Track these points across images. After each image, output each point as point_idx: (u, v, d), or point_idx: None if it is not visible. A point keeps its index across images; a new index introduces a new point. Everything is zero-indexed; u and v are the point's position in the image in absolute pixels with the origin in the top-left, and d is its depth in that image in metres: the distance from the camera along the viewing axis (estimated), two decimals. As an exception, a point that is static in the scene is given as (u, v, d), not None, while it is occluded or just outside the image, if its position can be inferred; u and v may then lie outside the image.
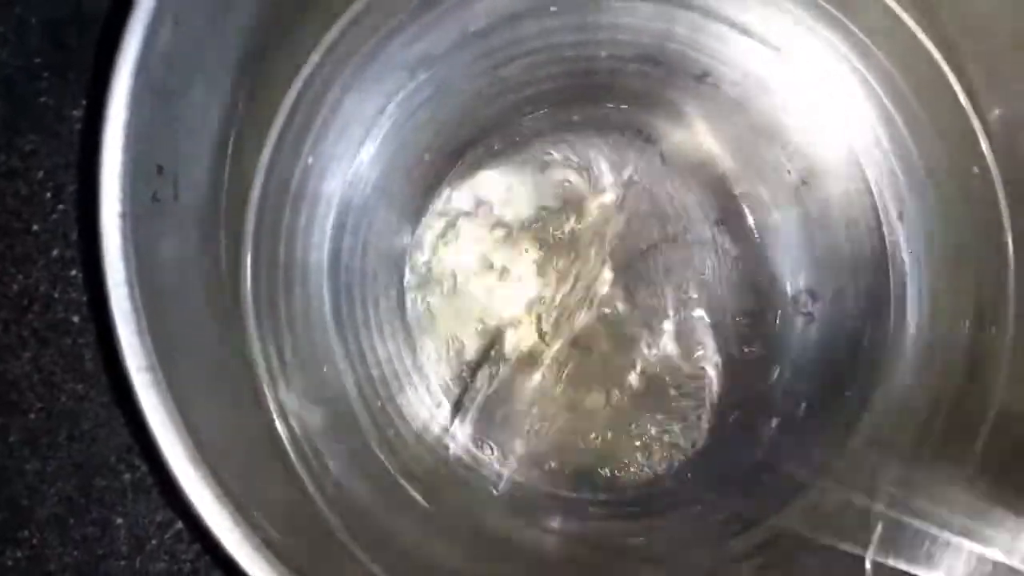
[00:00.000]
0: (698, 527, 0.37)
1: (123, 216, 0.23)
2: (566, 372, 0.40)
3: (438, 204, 0.40)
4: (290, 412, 0.31)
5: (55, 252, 0.36)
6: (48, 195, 0.37)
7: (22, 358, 0.36)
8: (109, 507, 0.35)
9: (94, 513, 0.35)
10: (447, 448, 0.39)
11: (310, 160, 0.34)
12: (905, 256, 0.37)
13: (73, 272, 0.36)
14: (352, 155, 0.37)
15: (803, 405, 0.39)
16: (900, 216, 0.38)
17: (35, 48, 0.37)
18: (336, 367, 0.36)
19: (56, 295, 0.36)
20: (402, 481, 0.35)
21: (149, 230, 0.24)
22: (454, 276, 0.40)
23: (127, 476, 0.35)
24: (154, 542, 0.35)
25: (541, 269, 0.40)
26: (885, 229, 0.38)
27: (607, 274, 0.41)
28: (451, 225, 0.40)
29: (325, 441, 0.32)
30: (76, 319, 0.36)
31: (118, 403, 0.35)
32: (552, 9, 0.37)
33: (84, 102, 0.37)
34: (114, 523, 0.35)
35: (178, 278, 0.26)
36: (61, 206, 0.37)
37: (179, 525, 0.35)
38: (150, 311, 0.24)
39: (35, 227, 0.36)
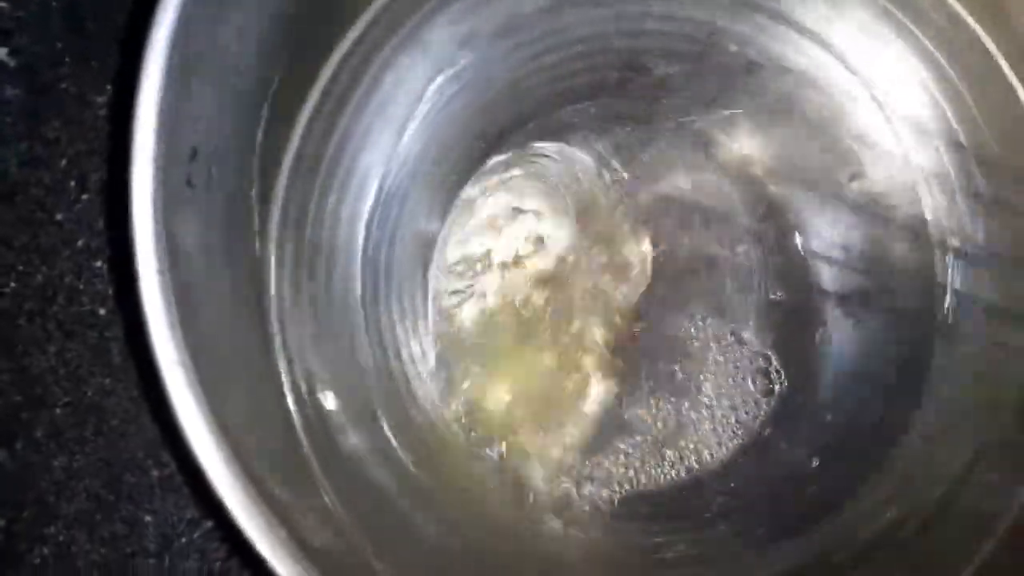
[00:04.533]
0: (737, 541, 0.37)
1: (156, 203, 0.22)
2: (600, 370, 0.39)
3: (471, 192, 0.39)
4: (307, 396, 0.31)
5: (80, 242, 0.36)
6: (72, 183, 0.36)
7: (47, 352, 0.35)
8: (137, 504, 0.35)
9: (122, 510, 0.35)
10: (469, 442, 0.38)
11: (345, 134, 0.34)
12: (958, 269, 0.36)
13: (98, 263, 0.35)
14: (389, 133, 0.36)
15: (846, 414, 0.38)
16: (954, 225, 0.37)
17: (56, 33, 0.36)
18: (357, 349, 0.35)
19: (81, 287, 0.36)
20: (418, 474, 0.34)
21: (182, 217, 0.24)
22: (482, 267, 0.39)
23: (155, 473, 0.35)
24: (183, 540, 0.35)
25: (576, 263, 0.39)
26: (936, 237, 0.37)
27: (647, 270, 0.40)
28: (482, 216, 0.39)
29: (341, 428, 0.32)
30: (102, 311, 0.35)
31: (146, 397, 0.34)
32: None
33: (108, 87, 0.36)
34: (143, 520, 0.35)
35: (209, 266, 0.26)
36: (85, 195, 0.36)
37: (209, 523, 0.35)
38: (182, 303, 0.23)
39: (59, 217, 0.36)
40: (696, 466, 0.38)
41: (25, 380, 0.35)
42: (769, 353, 0.39)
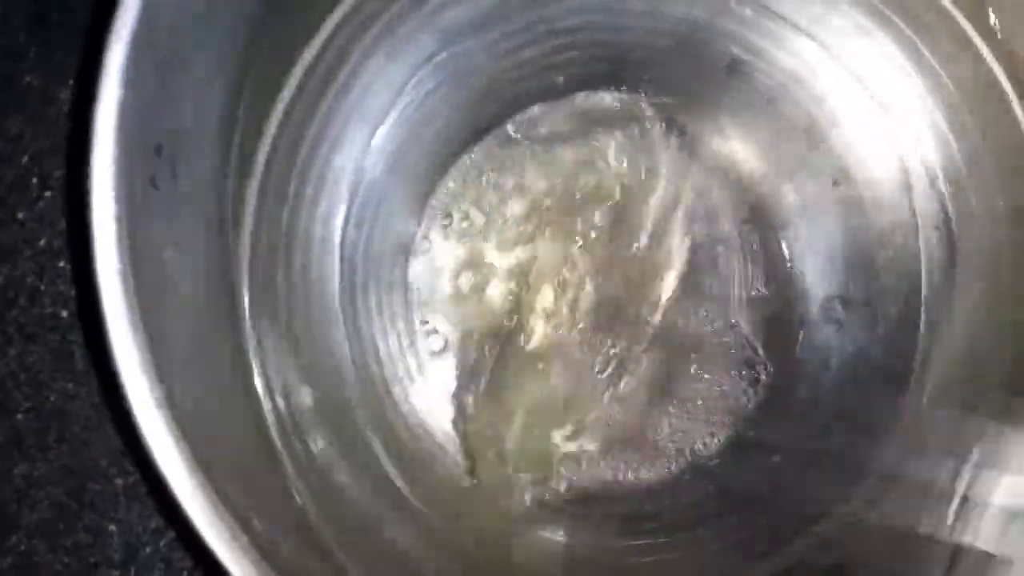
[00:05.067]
0: (717, 547, 0.36)
1: (118, 202, 0.21)
2: (576, 367, 0.38)
3: (450, 190, 0.39)
4: (280, 395, 0.30)
5: (42, 242, 0.35)
6: (34, 181, 0.35)
7: (7, 355, 0.34)
8: (101, 513, 0.34)
9: (86, 519, 0.34)
10: (444, 444, 0.37)
11: (321, 128, 0.33)
12: (942, 276, 0.36)
13: (61, 263, 0.35)
14: (368, 127, 0.35)
15: (830, 417, 0.38)
16: (941, 230, 0.36)
17: (19, 24, 0.35)
18: (334, 345, 0.34)
19: (43, 288, 0.35)
20: (394, 477, 0.34)
21: (145, 218, 0.23)
22: (460, 267, 0.39)
23: (120, 481, 0.34)
24: (148, 550, 0.34)
25: (555, 262, 0.39)
26: (922, 243, 0.36)
27: (625, 268, 0.39)
28: (462, 212, 0.39)
29: (314, 427, 0.31)
30: (64, 314, 0.34)
31: (108, 405, 0.33)
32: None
33: (72, 82, 0.35)
34: (106, 530, 0.34)
35: (175, 265, 0.25)
36: (48, 193, 0.35)
37: (174, 532, 0.34)
38: (144, 304, 0.22)
39: (20, 215, 0.35)
40: (678, 466, 0.38)
41: (-16, 385, 0.34)
42: (756, 346, 0.39)
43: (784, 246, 0.39)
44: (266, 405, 0.29)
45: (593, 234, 0.39)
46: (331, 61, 0.32)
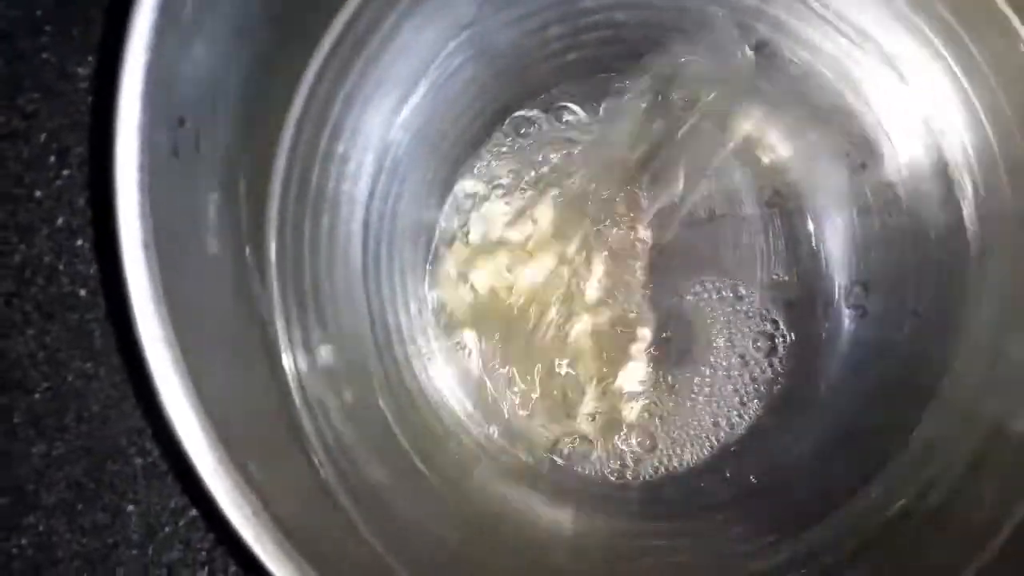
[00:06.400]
0: (730, 534, 0.36)
1: (141, 171, 0.21)
2: (598, 347, 0.38)
3: (473, 166, 0.39)
4: (302, 359, 0.30)
5: (60, 220, 0.34)
6: (52, 159, 0.35)
7: (25, 334, 0.34)
8: (120, 493, 0.34)
9: (104, 499, 0.34)
10: (460, 421, 0.37)
11: (348, 101, 0.32)
12: (973, 263, 0.35)
13: (79, 242, 0.34)
14: (398, 95, 0.35)
15: (850, 408, 0.37)
16: (972, 216, 0.35)
17: (36, 1, 0.35)
18: (356, 314, 0.34)
19: (61, 267, 0.34)
20: (407, 447, 0.34)
21: (167, 187, 0.22)
22: (483, 241, 0.38)
23: (139, 460, 0.34)
24: (167, 529, 0.33)
25: (578, 237, 0.38)
26: (953, 229, 0.35)
27: (648, 248, 0.39)
28: (483, 189, 0.39)
29: (333, 394, 0.31)
30: (83, 292, 0.34)
31: (130, 379, 0.33)
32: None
33: (90, 59, 0.35)
34: (125, 510, 0.34)
35: (195, 239, 0.24)
36: (66, 171, 0.34)
37: (194, 512, 0.34)
38: (167, 277, 0.22)
39: (38, 193, 0.34)
40: (695, 455, 0.37)
41: (2, 364, 0.34)
42: (768, 338, 0.38)
43: (808, 229, 0.39)
44: (290, 374, 0.29)
45: (616, 216, 0.39)
46: (359, 34, 0.32)
